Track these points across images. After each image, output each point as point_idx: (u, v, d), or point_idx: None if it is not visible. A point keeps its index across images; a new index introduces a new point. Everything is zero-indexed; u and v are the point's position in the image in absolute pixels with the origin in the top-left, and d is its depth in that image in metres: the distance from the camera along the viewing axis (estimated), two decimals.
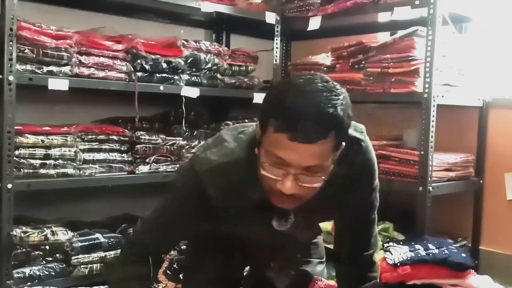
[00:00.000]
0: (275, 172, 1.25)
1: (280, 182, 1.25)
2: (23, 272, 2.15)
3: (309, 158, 1.22)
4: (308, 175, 1.24)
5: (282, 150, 1.21)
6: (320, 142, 1.20)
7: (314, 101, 1.20)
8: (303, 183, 1.25)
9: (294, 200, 1.30)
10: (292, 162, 1.22)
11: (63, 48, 2.22)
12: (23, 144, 2.16)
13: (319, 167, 1.24)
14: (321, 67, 2.98)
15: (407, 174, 2.57)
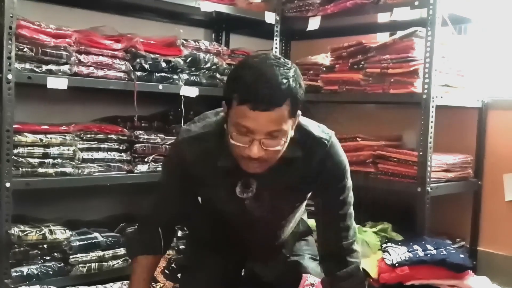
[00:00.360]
0: (242, 140, 1.42)
1: (247, 148, 1.42)
2: (21, 271, 2.15)
3: (270, 124, 1.39)
4: (270, 139, 1.42)
5: (246, 120, 1.39)
6: (277, 109, 1.38)
7: (269, 74, 1.39)
8: (267, 147, 1.42)
9: (261, 164, 1.47)
10: (256, 129, 1.39)
11: (62, 47, 2.22)
12: (22, 142, 2.16)
13: (279, 132, 1.42)
14: (320, 67, 2.98)
15: (406, 174, 2.57)
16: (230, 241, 1.84)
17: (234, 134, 1.43)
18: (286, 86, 1.39)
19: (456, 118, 2.88)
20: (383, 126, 3.06)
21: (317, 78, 2.98)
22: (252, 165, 1.47)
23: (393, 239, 2.50)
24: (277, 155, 1.48)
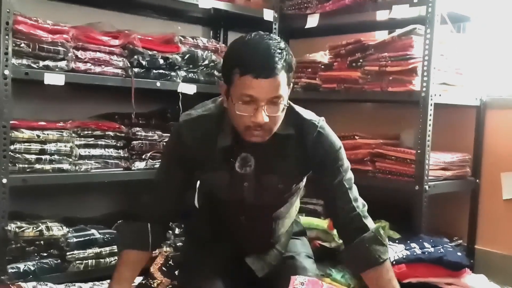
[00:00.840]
0: (247, 110, 1.55)
1: (253, 116, 1.55)
2: (18, 267, 2.14)
3: (271, 90, 1.54)
4: (272, 105, 1.56)
5: (251, 89, 1.52)
6: (276, 76, 1.53)
7: (265, 46, 1.55)
8: (270, 114, 1.55)
9: (264, 132, 1.59)
10: (260, 96, 1.53)
11: (60, 43, 2.21)
12: (19, 139, 2.15)
13: (279, 98, 1.56)
14: (318, 65, 2.97)
15: (404, 173, 2.57)
16: (227, 236, 1.88)
17: (239, 105, 1.55)
18: (282, 55, 1.54)
19: (455, 116, 2.88)
20: (381, 124, 3.06)
21: (316, 76, 2.97)
22: (256, 134, 1.59)
23: (391, 237, 2.49)
24: (278, 123, 1.61)
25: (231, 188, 1.75)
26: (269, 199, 1.78)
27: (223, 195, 1.78)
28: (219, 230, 1.90)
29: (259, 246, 1.91)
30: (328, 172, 1.75)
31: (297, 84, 3.03)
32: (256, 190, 1.75)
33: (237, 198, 1.76)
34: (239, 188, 1.74)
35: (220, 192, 1.78)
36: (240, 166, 1.70)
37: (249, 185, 1.74)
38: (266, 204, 1.79)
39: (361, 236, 1.71)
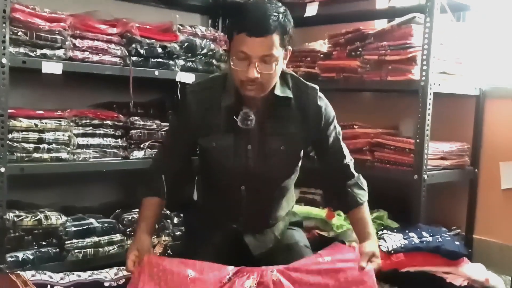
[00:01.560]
0: (241, 65, 1.71)
1: (246, 71, 1.70)
2: (16, 256, 2.14)
3: (263, 48, 1.68)
4: (264, 63, 1.70)
5: (244, 45, 1.68)
6: (269, 36, 1.67)
7: (262, 8, 1.70)
8: (261, 70, 1.69)
9: (258, 87, 1.74)
10: (252, 53, 1.68)
11: (57, 31, 2.20)
12: (17, 127, 2.14)
13: (271, 57, 1.69)
14: (318, 54, 2.96)
15: (403, 162, 2.57)
16: (226, 214, 1.95)
17: (234, 60, 1.72)
18: (277, 18, 1.69)
19: (454, 106, 2.87)
20: (380, 114, 3.06)
21: (314, 65, 2.96)
22: (249, 88, 1.74)
23: (389, 226, 2.50)
24: (270, 80, 1.75)
25: (236, 151, 1.85)
26: (271, 164, 1.87)
27: (227, 161, 1.86)
28: (219, 209, 1.96)
29: (257, 224, 1.96)
30: (325, 130, 1.93)
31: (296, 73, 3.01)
32: (260, 153, 1.86)
33: (241, 163, 1.86)
34: (243, 151, 1.85)
35: (225, 156, 1.86)
36: (242, 121, 1.80)
37: (253, 148, 1.85)
38: (267, 170, 1.87)
39: (347, 183, 1.97)
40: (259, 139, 1.85)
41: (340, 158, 2.00)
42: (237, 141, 1.85)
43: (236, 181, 1.90)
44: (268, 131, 1.86)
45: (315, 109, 1.89)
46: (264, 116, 1.84)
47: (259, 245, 1.96)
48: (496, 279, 2.31)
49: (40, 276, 2.06)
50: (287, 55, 1.80)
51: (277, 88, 1.83)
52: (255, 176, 1.87)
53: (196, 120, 1.86)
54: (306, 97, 1.89)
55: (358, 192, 1.98)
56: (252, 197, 1.90)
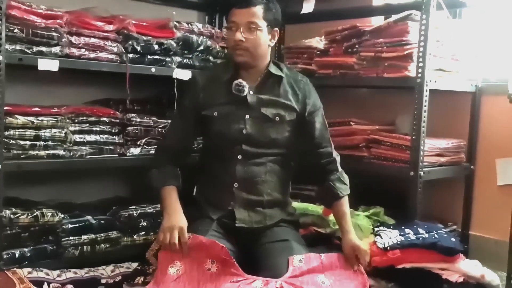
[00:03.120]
0: (231, 33, 2.10)
1: (234, 36, 2.08)
2: (13, 253, 2.14)
3: (247, 17, 2.08)
4: (248, 30, 2.08)
5: (233, 16, 2.11)
6: (252, 8, 2.08)
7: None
8: (246, 36, 2.07)
9: (245, 53, 2.10)
10: (237, 21, 2.09)
11: (53, 28, 2.19)
12: (13, 124, 2.14)
13: (255, 25, 2.08)
14: (314, 50, 2.96)
15: (399, 159, 2.58)
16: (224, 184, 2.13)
17: (227, 31, 2.15)
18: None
19: (450, 102, 2.88)
20: (377, 110, 3.06)
21: (311, 62, 2.97)
22: (238, 53, 2.10)
23: (385, 222, 2.50)
24: (255, 47, 2.10)
25: (235, 119, 2.12)
26: (266, 131, 2.12)
27: (227, 127, 2.12)
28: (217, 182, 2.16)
29: (250, 198, 2.13)
30: (312, 113, 2.20)
31: None
32: (256, 121, 2.12)
33: (239, 129, 2.12)
34: (242, 119, 2.13)
35: (225, 124, 2.13)
36: (235, 89, 2.11)
37: (250, 117, 2.13)
38: (262, 136, 2.12)
39: (330, 177, 2.19)
40: (256, 110, 2.13)
41: (326, 147, 2.23)
42: (236, 110, 2.13)
43: (233, 148, 2.12)
44: (264, 102, 2.14)
45: (305, 87, 2.21)
46: (260, 89, 2.16)
47: (245, 220, 2.11)
48: (492, 275, 2.32)
49: (36, 273, 2.07)
50: (275, 36, 2.18)
51: (271, 67, 2.17)
52: (251, 143, 2.12)
53: (201, 95, 2.16)
54: (296, 78, 2.23)
55: (340, 186, 2.18)
56: (247, 167, 2.12)
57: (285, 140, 2.17)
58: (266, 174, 2.15)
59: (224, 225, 2.10)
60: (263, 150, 2.14)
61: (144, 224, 2.52)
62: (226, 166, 2.14)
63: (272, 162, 2.16)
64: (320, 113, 2.24)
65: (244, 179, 2.12)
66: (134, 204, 2.54)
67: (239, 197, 2.12)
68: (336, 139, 2.81)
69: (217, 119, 2.14)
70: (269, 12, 2.11)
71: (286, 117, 2.16)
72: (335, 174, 2.20)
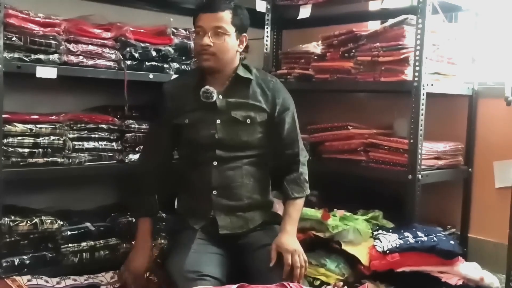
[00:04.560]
0: (199, 38, 2.09)
1: (201, 41, 2.07)
2: (12, 260, 2.14)
3: (214, 21, 2.06)
4: (216, 35, 2.06)
5: (199, 20, 2.09)
6: (220, 12, 2.06)
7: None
8: (214, 41, 2.06)
9: (212, 57, 2.07)
10: (204, 25, 2.07)
11: (51, 36, 2.19)
12: (12, 132, 2.14)
13: (222, 29, 2.06)
14: (311, 55, 2.98)
15: (397, 162, 2.59)
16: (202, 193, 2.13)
17: (195, 36, 2.17)
18: (227, 2, 2.09)
19: (447, 106, 2.89)
20: (374, 114, 3.07)
21: (308, 67, 2.97)
22: (206, 58, 2.07)
23: (384, 226, 2.51)
24: (222, 51, 2.07)
25: (205, 125, 2.11)
26: (237, 134, 2.11)
27: (198, 133, 2.11)
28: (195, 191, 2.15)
29: (230, 204, 2.12)
30: (282, 113, 2.17)
31: (290, 75, 3.04)
32: (227, 125, 2.11)
33: (210, 134, 2.10)
34: (212, 124, 2.11)
35: (196, 130, 2.11)
36: (203, 95, 2.09)
37: (221, 122, 2.11)
38: (234, 139, 2.11)
39: (286, 176, 2.17)
40: (226, 113, 2.12)
41: (293, 149, 2.20)
42: (206, 116, 2.12)
43: (207, 154, 2.11)
44: (233, 105, 2.13)
45: (274, 87, 2.18)
46: (229, 93, 2.14)
47: (228, 226, 2.10)
48: (491, 278, 2.32)
49: (36, 281, 2.06)
50: (243, 41, 2.16)
51: (239, 70, 2.15)
52: (224, 147, 2.11)
53: (170, 104, 2.16)
54: (266, 78, 2.22)
55: (293, 187, 2.15)
56: (223, 173, 2.11)
57: (258, 141, 2.16)
58: (243, 178, 2.13)
59: (208, 232, 2.09)
60: (237, 153, 2.13)
61: None
62: (202, 174, 2.12)
63: (247, 165, 2.15)
64: (290, 113, 2.20)
65: (221, 185, 2.11)
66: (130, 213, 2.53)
67: (219, 204, 2.11)
68: (334, 143, 2.84)
69: (188, 126, 2.13)
70: (236, 17, 2.10)
71: (257, 119, 2.14)
72: (292, 175, 2.17)
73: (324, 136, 2.88)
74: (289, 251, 1.94)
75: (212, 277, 1.88)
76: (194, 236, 2.06)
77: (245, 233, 2.12)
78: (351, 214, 2.54)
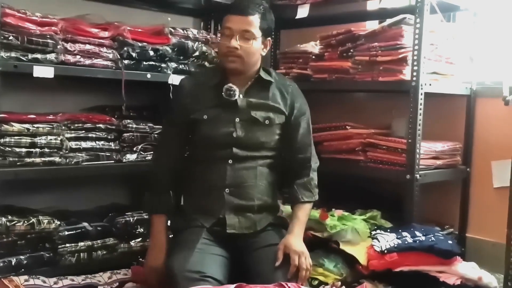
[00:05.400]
0: (226, 39, 2.09)
1: (228, 42, 2.07)
2: (9, 260, 2.14)
3: (243, 25, 2.07)
4: (244, 39, 2.07)
5: (229, 22, 2.09)
6: (250, 16, 2.07)
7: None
8: (241, 43, 2.07)
9: (238, 60, 2.09)
10: (234, 28, 2.07)
11: (48, 35, 2.19)
12: (9, 132, 2.14)
13: (250, 34, 2.08)
14: (309, 55, 2.97)
15: (395, 162, 2.58)
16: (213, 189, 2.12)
17: (221, 36, 2.14)
18: (258, 6, 2.11)
19: (445, 105, 2.89)
20: (373, 114, 3.07)
21: (307, 67, 2.97)
22: (231, 59, 2.09)
23: (383, 226, 2.51)
24: (249, 55, 2.09)
25: (224, 123, 2.12)
26: (255, 134, 2.13)
27: (216, 131, 2.11)
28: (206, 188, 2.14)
29: (241, 203, 2.12)
30: (297, 118, 2.22)
31: (288, 75, 3.03)
32: (245, 124, 2.12)
33: (229, 132, 2.11)
34: (232, 122, 2.12)
35: (215, 127, 2.12)
36: (225, 93, 2.10)
37: (240, 120, 2.12)
38: (252, 138, 2.12)
39: (296, 181, 2.20)
40: (246, 113, 2.13)
41: (305, 154, 2.24)
42: (225, 114, 2.12)
43: (224, 152, 2.11)
44: (253, 105, 2.14)
45: (293, 92, 2.23)
46: (250, 94, 2.16)
47: (236, 226, 2.10)
48: (489, 277, 2.32)
49: (33, 281, 2.06)
50: (267, 45, 2.18)
51: (261, 72, 2.17)
52: (241, 146, 2.11)
53: (188, 99, 2.15)
54: (285, 83, 2.26)
55: (303, 192, 2.19)
56: (238, 172, 2.12)
57: (274, 143, 2.18)
58: (256, 178, 2.15)
59: (214, 232, 2.09)
60: (253, 153, 2.14)
61: (141, 230, 2.52)
62: (216, 171, 2.12)
63: (261, 166, 2.16)
64: (305, 118, 2.24)
65: (234, 184, 2.12)
66: (131, 211, 2.54)
67: (230, 203, 2.11)
68: (332, 143, 2.83)
69: (206, 122, 2.13)
70: (264, 22, 2.11)
71: (276, 120, 2.17)
72: (303, 179, 2.21)
73: (322, 136, 2.87)
74: (296, 252, 1.96)
75: (214, 278, 1.87)
76: (199, 235, 2.05)
77: (251, 234, 2.11)
78: (349, 214, 2.54)
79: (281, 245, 1.99)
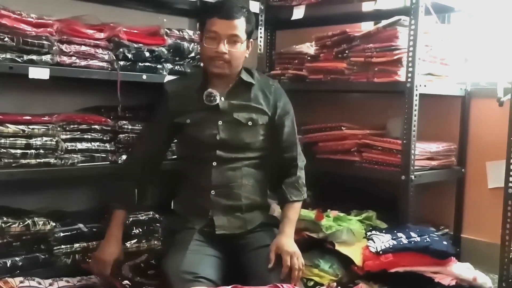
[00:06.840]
0: (212, 43, 2.08)
1: (215, 48, 2.07)
2: (4, 262, 2.12)
3: (231, 29, 2.07)
4: (231, 43, 2.07)
5: (215, 26, 2.07)
6: (236, 20, 2.07)
7: (233, 2, 2.13)
8: (230, 48, 2.07)
9: (225, 64, 2.09)
10: (221, 32, 2.07)
11: (44, 37, 2.18)
12: (4, 133, 2.12)
13: (237, 37, 2.08)
14: (305, 56, 2.98)
15: (390, 163, 2.59)
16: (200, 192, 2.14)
17: (206, 39, 2.10)
18: (242, 9, 2.11)
19: (440, 106, 2.90)
20: (368, 115, 3.08)
21: (302, 67, 2.98)
22: (218, 64, 2.09)
23: (378, 227, 2.51)
24: (236, 59, 2.10)
25: (208, 126, 2.13)
26: (239, 135, 2.13)
27: (200, 134, 2.13)
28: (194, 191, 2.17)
29: (228, 204, 2.13)
30: (282, 117, 2.21)
31: (284, 76, 3.04)
32: (229, 126, 2.13)
33: (212, 135, 2.12)
34: (215, 125, 2.13)
35: (198, 130, 2.14)
36: (206, 98, 2.11)
37: (223, 123, 2.13)
38: (236, 140, 2.13)
39: (285, 180, 2.20)
40: (228, 115, 2.14)
41: (291, 152, 2.24)
42: (208, 117, 2.14)
43: (208, 154, 2.13)
44: (236, 107, 2.15)
45: (275, 91, 2.21)
46: (232, 96, 2.16)
47: (225, 226, 2.11)
48: (484, 278, 2.33)
49: (28, 282, 2.05)
50: (249, 46, 2.19)
51: (243, 74, 2.17)
52: (225, 148, 2.12)
53: (172, 103, 2.18)
54: (267, 82, 2.25)
55: (292, 191, 2.18)
56: (223, 173, 2.12)
57: (259, 144, 2.18)
58: (242, 178, 2.15)
59: (205, 233, 2.10)
60: (238, 155, 2.15)
61: (137, 231, 2.51)
62: (202, 173, 2.14)
63: (247, 166, 2.17)
64: (290, 117, 2.24)
65: (220, 185, 2.13)
66: None
67: (217, 204, 2.12)
68: (327, 143, 2.84)
69: (190, 126, 2.15)
70: (249, 25, 2.13)
71: (259, 121, 2.17)
72: (291, 178, 2.21)
73: (317, 137, 2.88)
74: (288, 253, 1.95)
75: (208, 279, 1.88)
76: (191, 236, 2.06)
77: (243, 234, 2.13)
78: (345, 214, 2.55)
79: (273, 246, 1.99)
